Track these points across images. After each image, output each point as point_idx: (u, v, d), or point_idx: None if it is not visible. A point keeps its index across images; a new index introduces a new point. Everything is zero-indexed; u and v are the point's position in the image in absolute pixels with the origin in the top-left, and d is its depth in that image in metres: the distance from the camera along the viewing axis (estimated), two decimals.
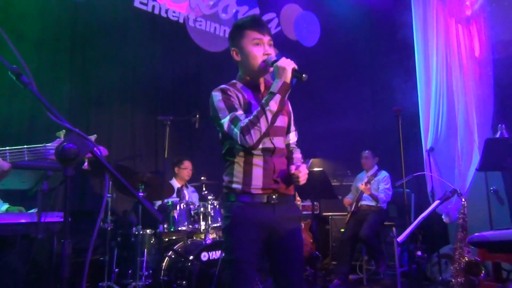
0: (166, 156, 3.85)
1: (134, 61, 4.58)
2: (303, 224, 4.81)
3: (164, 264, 3.42)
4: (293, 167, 1.77)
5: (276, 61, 1.76)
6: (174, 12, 4.86)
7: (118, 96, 4.49)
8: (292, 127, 2.02)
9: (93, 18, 4.29)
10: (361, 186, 4.63)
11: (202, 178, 4.03)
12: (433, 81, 4.72)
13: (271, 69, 1.79)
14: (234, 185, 1.79)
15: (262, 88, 1.91)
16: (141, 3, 4.59)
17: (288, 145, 1.99)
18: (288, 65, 1.72)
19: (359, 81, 6.28)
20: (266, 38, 1.83)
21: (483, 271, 2.58)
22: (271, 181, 1.78)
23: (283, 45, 5.37)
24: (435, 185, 4.51)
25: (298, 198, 4.93)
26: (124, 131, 4.51)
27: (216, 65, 5.19)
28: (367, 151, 4.94)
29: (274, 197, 1.78)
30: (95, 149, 1.08)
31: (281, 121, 1.87)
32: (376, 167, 4.88)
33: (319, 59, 5.94)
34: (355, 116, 5.88)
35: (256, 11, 5.55)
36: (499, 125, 4.02)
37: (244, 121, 1.69)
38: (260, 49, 1.82)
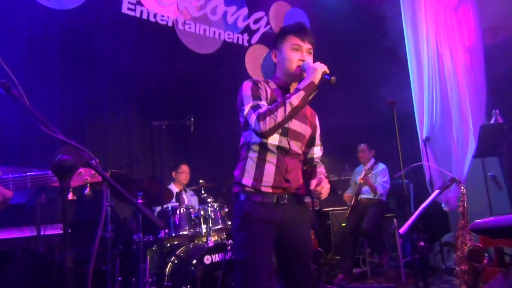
0: (162, 161, 3.84)
1: (125, 68, 4.54)
2: None
3: (167, 269, 3.41)
4: (313, 183, 1.76)
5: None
6: (162, 16, 4.83)
7: (111, 103, 4.46)
8: (318, 141, 2.06)
9: (82, 26, 4.26)
10: (360, 180, 4.65)
11: (201, 181, 4.01)
12: (425, 71, 4.72)
13: (305, 74, 1.82)
14: (244, 180, 1.81)
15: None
16: (129, 9, 4.56)
17: (312, 159, 2.03)
18: (319, 67, 1.77)
19: (350, 75, 6.27)
20: (306, 46, 1.89)
21: (486, 257, 2.58)
22: (282, 179, 1.81)
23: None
24: (433, 174, 4.53)
25: None
26: (119, 138, 4.49)
27: (208, 67, 5.18)
28: (363, 144, 4.95)
29: (284, 197, 1.81)
30: (91, 161, 1.07)
31: (303, 129, 1.92)
32: (373, 160, 4.89)
33: None
34: (348, 110, 5.87)
35: (244, 10, 5.53)
36: (493, 110, 4.04)
37: (264, 108, 1.73)
38: (297, 55, 1.86)
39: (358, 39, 6.48)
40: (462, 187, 2.82)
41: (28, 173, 1.32)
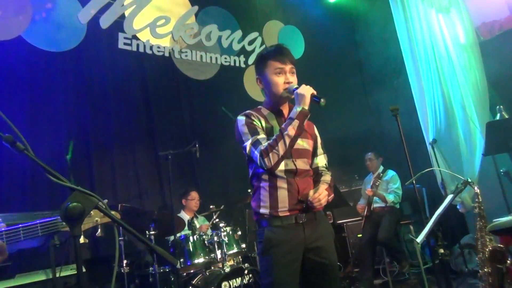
0: (172, 190, 3.83)
1: (127, 101, 4.60)
2: None
3: None
4: (310, 193, 1.84)
5: (297, 88, 1.85)
6: (158, 47, 4.90)
7: (116, 138, 4.48)
8: (320, 150, 2.09)
9: (81, 66, 4.33)
10: (367, 193, 4.61)
11: (212, 206, 3.99)
12: (423, 74, 4.73)
13: (293, 96, 1.87)
14: (262, 210, 1.87)
15: (285, 114, 1.98)
16: (125, 44, 4.63)
17: (317, 168, 2.05)
18: (307, 91, 1.81)
19: (350, 86, 6.29)
20: (288, 67, 1.93)
21: (508, 258, 2.52)
22: (296, 201, 1.85)
23: None
24: (444, 175, 4.47)
25: None
26: (127, 172, 4.49)
27: (208, 92, 5.22)
28: (369, 153, 4.92)
29: (302, 216, 1.85)
30: (99, 203, 1.07)
31: (305, 144, 1.96)
32: (381, 168, 4.85)
33: (306, 70, 5.92)
34: (352, 120, 5.86)
35: (238, 33, 5.60)
36: (497, 107, 4.02)
37: (264, 144, 1.78)
38: (281, 78, 1.91)
39: (354, 49, 6.52)
40: (476, 188, 2.77)
41: (38, 221, 1.32)
